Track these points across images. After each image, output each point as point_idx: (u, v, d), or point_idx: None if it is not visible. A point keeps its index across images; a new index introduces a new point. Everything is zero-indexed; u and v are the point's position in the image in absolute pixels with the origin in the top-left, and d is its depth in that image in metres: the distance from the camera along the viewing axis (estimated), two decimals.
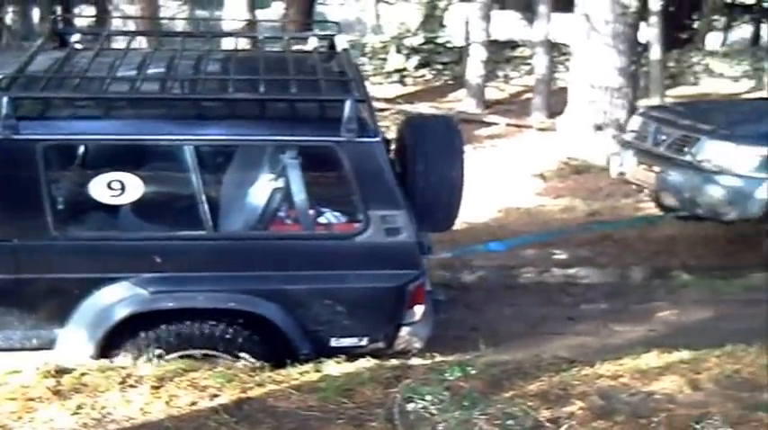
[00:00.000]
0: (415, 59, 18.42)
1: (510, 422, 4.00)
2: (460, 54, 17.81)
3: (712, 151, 7.73)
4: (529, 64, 17.36)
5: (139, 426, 4.02)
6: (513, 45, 19.32)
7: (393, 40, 19.12)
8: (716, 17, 23.92)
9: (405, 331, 4.97)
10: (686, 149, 7.93)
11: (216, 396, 4.28)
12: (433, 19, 21.82)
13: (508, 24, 20.24)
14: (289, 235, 4.97)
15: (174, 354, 4.74)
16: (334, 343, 4.93)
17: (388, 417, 4.09)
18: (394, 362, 4.76)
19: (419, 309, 4.96)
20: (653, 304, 6.98)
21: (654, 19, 13.86)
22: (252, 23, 14.43)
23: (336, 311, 4.84)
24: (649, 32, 14.34)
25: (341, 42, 5.90)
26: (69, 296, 4.66)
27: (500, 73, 18.17)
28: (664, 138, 8.27)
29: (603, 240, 8.50)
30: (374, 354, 4.91)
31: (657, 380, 4.52)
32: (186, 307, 4.75)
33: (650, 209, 9.57)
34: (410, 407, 4.14)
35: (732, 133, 7.86)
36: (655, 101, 14.56)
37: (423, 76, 18.24)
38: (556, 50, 15.97)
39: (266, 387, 4.39)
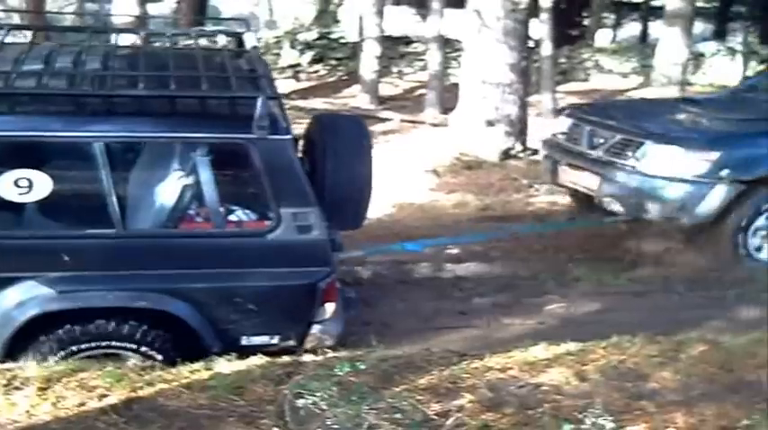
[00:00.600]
0: (308, 55, 18.40)
1: (398, 415, 4.02)
2: (354, 50, 17.84)
3: (658, 155, 7.65)
4: (423, 60, 17.47)
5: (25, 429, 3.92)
6: (407, 41, 19.42)
7: (287, 35, 19.07)
8: (605, 15, 24.42)
9: (316, 329, 4.99)
10: (629, 154, 7.81)
11: (104, 396, 4.19)
12: (326, 14, 21.80)
13: (402, 20, 20.32)
14: (199, 233, 4.95)
15: (84, 355, 4.67)
16: (245, 341, 4.92)
17: (278, 414, 4.06)
18: (285, 358, 4.74)
19: (330, 307, 4.97)
20: (543, 298, 7.05)
21: (545, 16, 14.07)
22: (143, 18, 14.22)
23: (247, 309, 4.84)
24: (540, 29, 14.54)
25: (250, 40, 5.84)
26: None
27: (394, 69, 18.27)
28: (601, 141, 8.15)
29: None
30: (286, 352, 4.91)
31: (545, 372, 4.58)
32: (96, 306, 4.69)
33: (541, 205, 9.76)
34: (300, 403, 4.12)
35: (679, 137, 7.80)
36: (546, 96, 14.80)
37: (317, 71, 18.23)
38: (449, 46, 16.10)
39: (156, 386, 4.32)
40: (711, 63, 18.40)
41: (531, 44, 14.58)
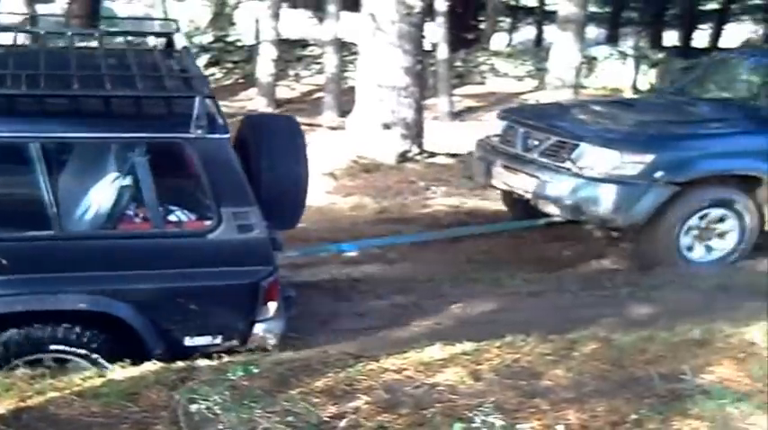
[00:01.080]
0: (204, 58, 18.21)
1: (291, 419, 4.00)
2: (251, 53, 17.76)
3: (594, 157, 7.72)
4: (320, 63, 17.44)
5: None
6: (303, 44, 19.37)
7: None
8: (501, 19, 24.73)
9: (259, 328, 4.98)
10: (564, 156, 7.89)
11: None
12: (222, 17, 21.64)
13: (298, 23, 20.28)
14: (138, 233, 4.90)
15: (23, 359, 4.61)
16: (188, 342, 4.90)
17: (172, 420, 4.01)
18: (179, 364, 4.67)
19: (273, 306, 4.97)
20: (441, 298, 7.09)
21: (440, 19, 14.18)
22: (32, 18, 13.92)
23: (190, 310, 4.81)
24: (436, 33, 14.65)
25: (179, 40, 5.82)
26: None
27: (291, 72, 18.21)
28: (536, 143, 8.22)
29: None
30: (229, 352, 4.90)
31: (441, 372, 4.60)
32: (35, 309, 4.61)
33: (439, 207, 9.81)
34: (194, 408, 4.08)
35: (614, 139, 7.89)
36: (443, 99, 14.91)
37: (213, 74, 18.05)
38: (346, 49, 16.10)
39: (47, 394, 4.22)
40: (604, 67, 18.76)
41: (427, 48, 14.71)
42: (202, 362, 4.71)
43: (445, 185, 10.77)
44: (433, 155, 11.91)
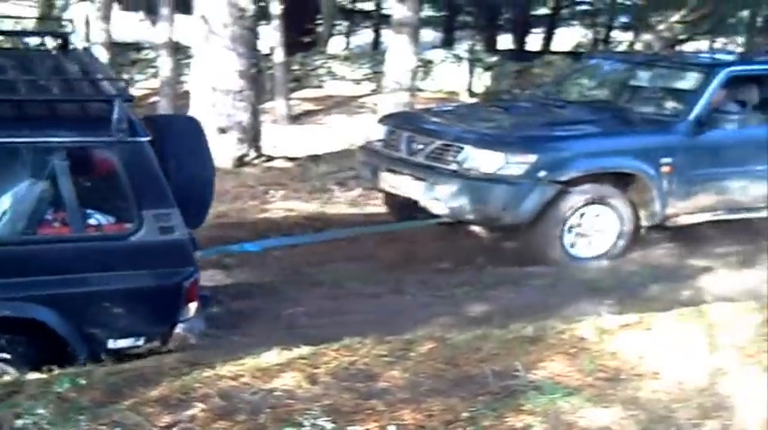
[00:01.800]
0: None
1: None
2: None
3: (479, 159, 7.93)
4: (154, 66, 17.13)
5: None
6: (137, 47, 18.98)
7: (6, 40, 18.19)
8: (338, 22, 24.79)
9: (180, 328, 5.05)
10: (450, 158, 8.08)
11: None
12: (50, 18, 20.98)
13: (131, 26, 19.87)
14: (59, 237, 4.87)
15: None
16: (111, 344, 4.90)
17: None
18: (6, 378, 4.53)
19: (194, 306, 5.05)
20: (281, 304, 7.02)
21: (275, 22, 14.11)
22: None
23: (113, 313, 4.83)
24: (272, 36, 14.58)
25: (77, 41, 5.76)
26: None
27: (125, 75, 17.79)
28: (421, 147, 8.37)
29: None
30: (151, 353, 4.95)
31: (278, 377, 4.57)
32: None
33: (278, 211, 9.75)
34: (20, 423, 3.93)
35: (498, 141, 8.15)
36: (280, 103, 14.85)
37: None
38: (181, 53, 15.83)
39: None
40: (440, 70, 19.02)
41: (265, 51, 14.62)
42: (31, 376, 4.56)
43: (284, 189, 10.73)
44: (270, 158, 11.85)
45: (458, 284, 7.42)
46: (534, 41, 28.67)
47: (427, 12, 26.99)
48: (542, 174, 7.85)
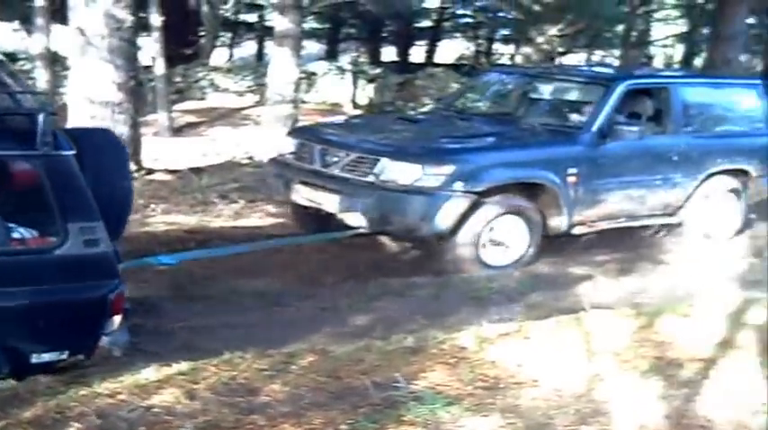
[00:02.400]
0: None
1: None
2: None
3: (396, 171, 8.00)
4: (32, 78, 16.73)
5: None
6: (12, 58, 18.51)
7: None
8: (221, 34, 24.60)
9: (105, 341, 5.01)
10: (366, 170, 8.13)
11: None
12: None
13: (4, 36, 19.39)
14: None
15: None
16: (35, 359, 4.74)
17: None
18: None
19: (118, 319, 4.92)
20: (162, 318, 6.90)
21: (156, 34, 13.93)
22: None
23: (37, 327, 4.67)
24: (153, 48, 14.38)
25: None
26: None
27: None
28: (335, 159, 8.41)
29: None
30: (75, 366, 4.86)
31: (157, 394, 4.52)
32: None
33: (158, 224, 9.59)
34: None
35: (414, 153, 8.24)
36: (162, 115, 14.66)
37: None
38: (59, 64, 15.52)
39: None
40: (323, 82, 19.03)
41: (146, 63, 14.41)
42: None
43: (165, 203, 10.55)
44: (151, 171, 11.66)
45: (343, 296, 7.40)
46: (418, 53, 28.95)
47: (311, 24, 27.02)
48: (458, 185, 7.95)
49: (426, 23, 28.84)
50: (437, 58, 27.74)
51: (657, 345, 5.47)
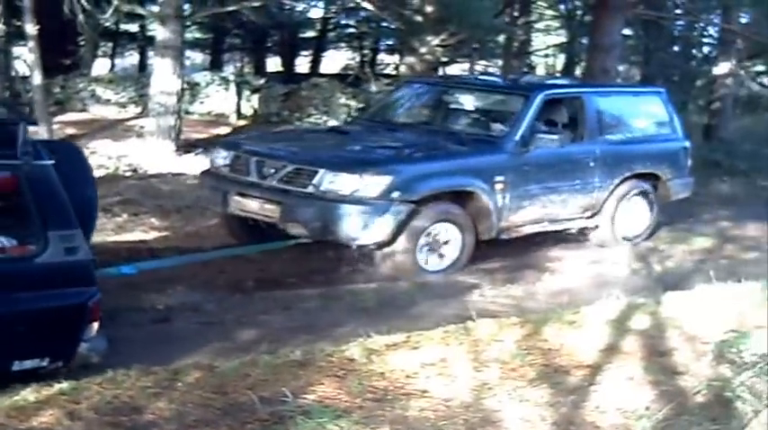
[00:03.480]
0: None
1: None
2: None
3: (335, 182, 8.25)
4: None
5: None
6: None
7: None
8: (102, 44, 24.13)
9: (84, 347, 5.12)
10: (305, 181, 8.35)
11: None
12: None
13: None
14: None
15: None
16: (16, 366, 4.92)
17: None
18: None
19: (96, 325, 5.11)
20: None
21: (32, 44, 13.54)
22: None
23: (18, 334, 4.85)
24: (29, 58, 13.99)
25: None
26: None
27: None
28: (272, 171, 8.59)
29: None
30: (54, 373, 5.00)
31: (36, 416, 4.37)
32: None
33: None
34: None
35: (352, 164, 8.51)
36: (41, 127, 14.26)
37: None
38: None
39: None
40: (207, 92, 18.78)
41: (25, 73, 14.02)
42: None
43: None
44: None
45: (228, 310, 7.30)
46: (303, 64, 28.94)
47: (194, 34, 26.76)
48: (396, 194, 8.26)
49: (311, 34, 28.85)
50: (322, 69, 27.77)
51: (545, 353, 5.53)
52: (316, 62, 28.47)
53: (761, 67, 26.05)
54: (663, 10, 20.47)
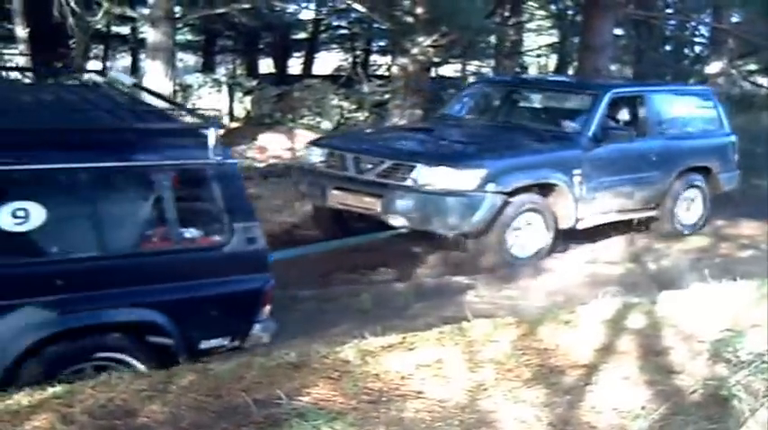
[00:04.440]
0: None
1: None
2: None
3: (433, 176, 8.94)
4: None
5: None
6: None
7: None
8: (94, 46, 24.04)
9: (257, 328, 5.71)
10: (403, 176, 9.07)
11: None
12: None
13: None
14: (163, 250, 5.48)
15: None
16: (203, 345, 5.55)
17: None
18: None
19: (268, 308, 5.73)
20: None
21: (22, 47, 13.52)
22: None
23: (207, 316, 5.54)
24: (20, 60, 13.98)
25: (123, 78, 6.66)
26: None
27: None
28: (370, 166, 9.33)
29: None
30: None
31: (30, 420, 4.33)
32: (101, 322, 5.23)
33: None
34: None
35: (448, 158, 9.23)
36: None
37: None
38: None
39: None
40: (200, 94, 18.76)
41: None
42: None
43: None
44: None
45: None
46: (296, 65, 28.90)
47: (186, 36, 26.70)
48: (491, 186, 9.00)
49: (303, 35, 28.79)
50: (315, 70, 27.72)
51: (540, 353, 5.50)
52: (308, 63, 28.41)
53: (753, 66, 26.08)
54: (654, 10, 20.51)
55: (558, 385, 5.07)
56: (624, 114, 10.95)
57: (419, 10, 14.28)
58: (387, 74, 21.92)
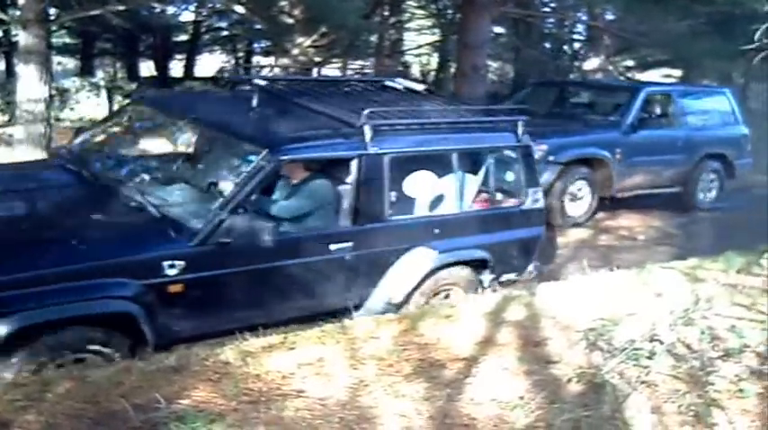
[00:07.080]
0: None
1: None
2: None
3: None
4: None
5: None
6: None
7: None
8: None
9: (531, 267, 7.83)
10: None
11: None
12: None
13: None
14: (500, 208, 7.74)
15: None
16: (504, 277, 7.54)
17: None
18: None
19: (537, 252, 7.90)
20: None
21: None
22: None
23: (510, 256, 7.63)
24: None
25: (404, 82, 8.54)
26: None
27: None
28: None
29: None
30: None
31: None
32: None
33: None
34: None
35: None
36: None
37: None
38: None
39: None
40: (78, 98, 18.39)
41: None
42: None
43: None
44: None
45: None
46: (177, 68, 28.59)
47: (63, 38, 26.17)
48: (551, 158, 11.05)
49: (183, 37, 28.50)
50: (197, 72, 27.47)
51: (421, 348, 5.56)
52: (189, 66, 28.14)
53: (629, 62, 26.75)
54: (531, 8, 20.84)
55: (439, 379, 5.14)
56: (656, 108, 13.17)
57: (297, 11, 14.24)
58: (271, 74, 21.86)
